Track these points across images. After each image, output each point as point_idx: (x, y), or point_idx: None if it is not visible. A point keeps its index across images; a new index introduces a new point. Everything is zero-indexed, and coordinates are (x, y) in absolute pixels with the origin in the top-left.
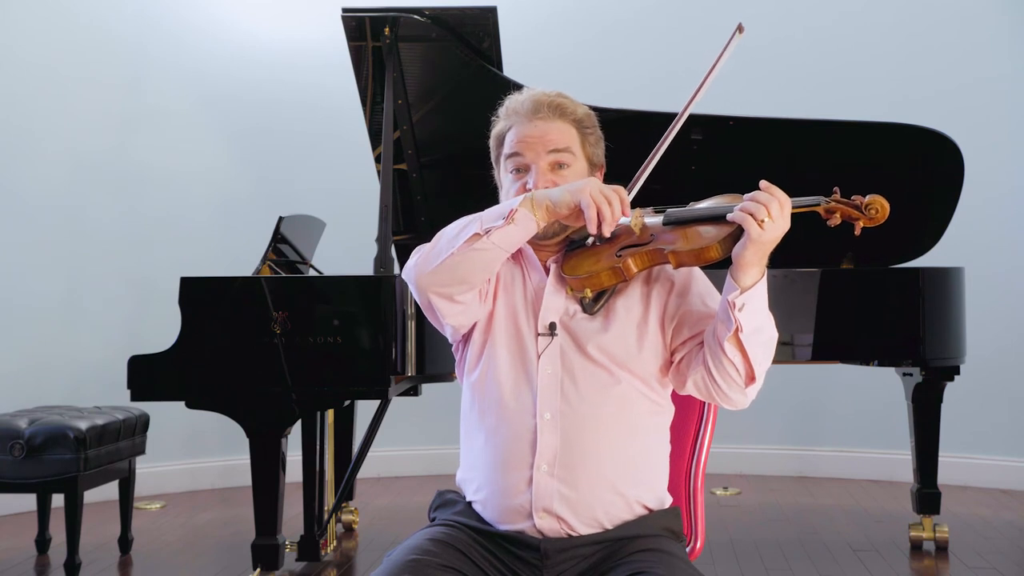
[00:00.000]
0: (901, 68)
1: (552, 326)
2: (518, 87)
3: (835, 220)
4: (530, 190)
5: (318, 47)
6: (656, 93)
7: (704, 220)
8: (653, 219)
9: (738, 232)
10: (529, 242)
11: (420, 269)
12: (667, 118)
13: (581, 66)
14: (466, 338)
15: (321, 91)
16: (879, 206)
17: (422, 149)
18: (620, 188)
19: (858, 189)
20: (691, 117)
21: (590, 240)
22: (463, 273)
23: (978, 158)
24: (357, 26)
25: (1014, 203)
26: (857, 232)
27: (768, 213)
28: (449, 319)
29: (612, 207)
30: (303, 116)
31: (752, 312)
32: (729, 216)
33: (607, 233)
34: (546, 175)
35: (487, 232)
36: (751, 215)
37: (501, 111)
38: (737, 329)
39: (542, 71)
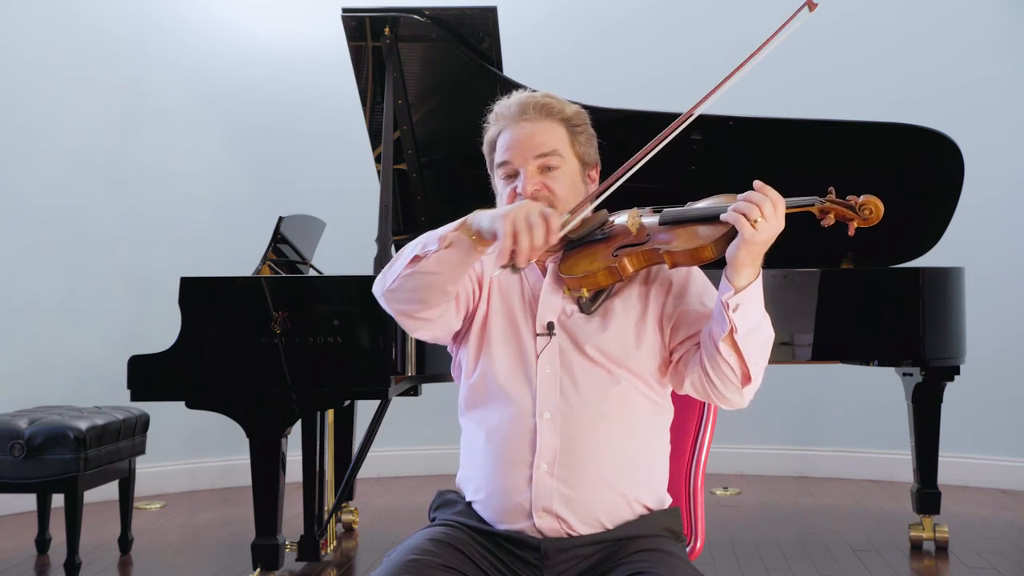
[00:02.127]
0: (901, 68)
1: (550, 326)
2: (518, 87)
3: (829, 220)
4: (520, 196)
5: (318, 47)
6: (656, 93)
7: (699, 220)
8: (650, 219)
9: (732, 232)
10: None
11: (380, 285)
12: (667, 118)
13: (581, 66)
14: (461, 340)
15: (321, 91)
16: (873, 206)
17: (422, 149)
18: (553, 214)
19: (858, 189)
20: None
21: (513, 267)
22: (418, 293)
23: (978, 158)
24: (357, 26)
25: (1014, 203)
26: (851, 233)
27: (761, 213)
28: (415, 334)
29: (533, 236)
30: (303, 116)
31: (747, 312)
32: (722, 216)
33: (521, 264)
34: (535, 178)
35: (425, 255)
36: (744, 215)
37: (490, 116)
38: (732, 330)
39: (542, 71)
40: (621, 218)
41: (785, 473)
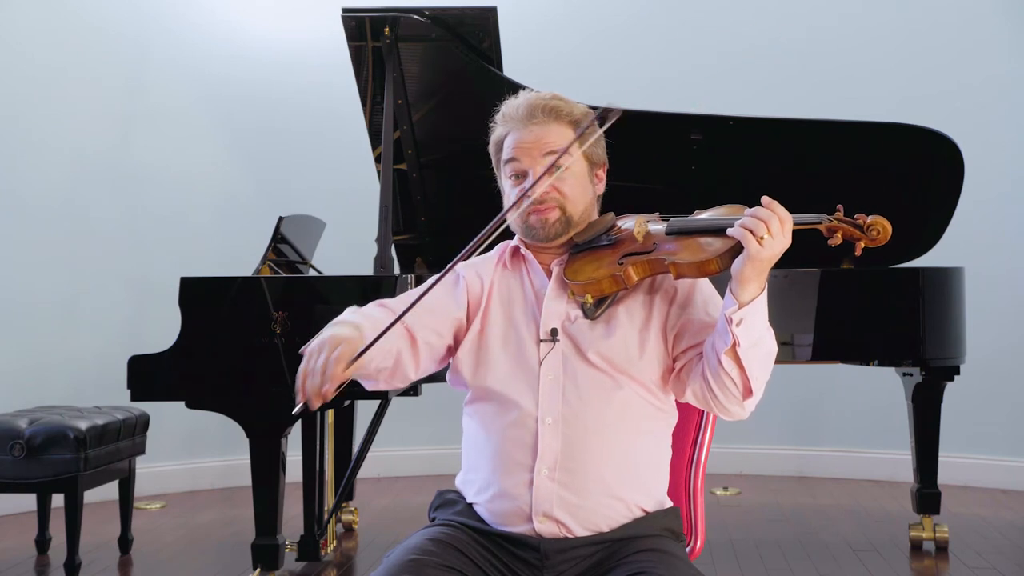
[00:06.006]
0: (901, 68)
1: (554, 332)
2: (518, 87)
3: (836, 240)
4: (528, 195)
5: (318, 47)
6: (656, 93)
7: (706, 232)
8: (656, 227)
9: (738, 247)
10: (530, 245)
11: None
12: (667, 118)
13: (581, 66)
14: (455, 351)
15: (321, 91)
16: (881, 227)
17: (422, 149)
18: (340, 359)
19: (858, 189)
20: (691, 117)
21: None
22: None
23: (978, 158)
24: (357, 26)
25: (1014, 203)
26: (858, 252)
27: (768, 230)
28: (383, 388)
29: (310, 381)
30: (303, 116)
31: (750, 327)
32: (729, 231)
33: (297, 409)
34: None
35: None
36: (750, 231)
37: (498, 117)
38: (735, 343)
39: (542, 71)
40: (628, 223)
41: (785, 473)
